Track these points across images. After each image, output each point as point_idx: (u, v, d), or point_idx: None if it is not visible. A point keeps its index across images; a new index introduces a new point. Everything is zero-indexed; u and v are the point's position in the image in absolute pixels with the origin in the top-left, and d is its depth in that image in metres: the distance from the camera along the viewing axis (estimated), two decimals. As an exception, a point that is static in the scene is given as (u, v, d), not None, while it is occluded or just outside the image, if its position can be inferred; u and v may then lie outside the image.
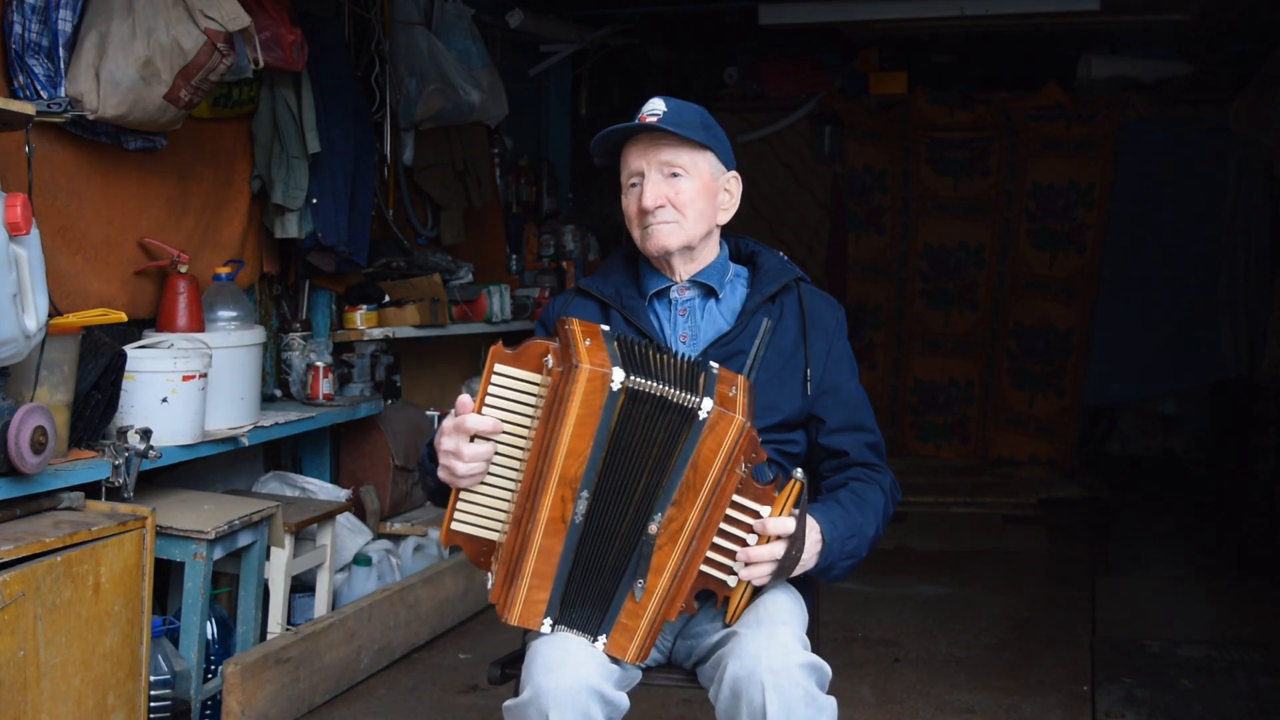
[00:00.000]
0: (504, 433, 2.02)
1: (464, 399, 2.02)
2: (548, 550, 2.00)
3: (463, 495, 2.05)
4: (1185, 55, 6.99)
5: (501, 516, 2.04)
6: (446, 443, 2.02)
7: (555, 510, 1.98)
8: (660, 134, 2.21)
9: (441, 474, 2.05)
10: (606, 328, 2.06)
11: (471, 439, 2.00)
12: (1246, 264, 6.89)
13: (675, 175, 2.22)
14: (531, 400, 2.01)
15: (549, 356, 1.99)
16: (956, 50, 7.36)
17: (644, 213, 2.22)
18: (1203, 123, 6.89)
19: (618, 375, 1.96)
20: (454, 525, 2.06)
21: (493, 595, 2.03)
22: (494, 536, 2.05)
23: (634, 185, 2.24)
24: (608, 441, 1.98)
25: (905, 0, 5.92)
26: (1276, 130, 5.61)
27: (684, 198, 2.22)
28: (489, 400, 2.01)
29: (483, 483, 2.04)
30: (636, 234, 2.26)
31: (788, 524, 2.02)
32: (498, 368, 2.01)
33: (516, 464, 2.03)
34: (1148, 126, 6.98)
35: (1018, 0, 5.76)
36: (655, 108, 2.22)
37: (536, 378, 2.01)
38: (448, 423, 2.03)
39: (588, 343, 1.99)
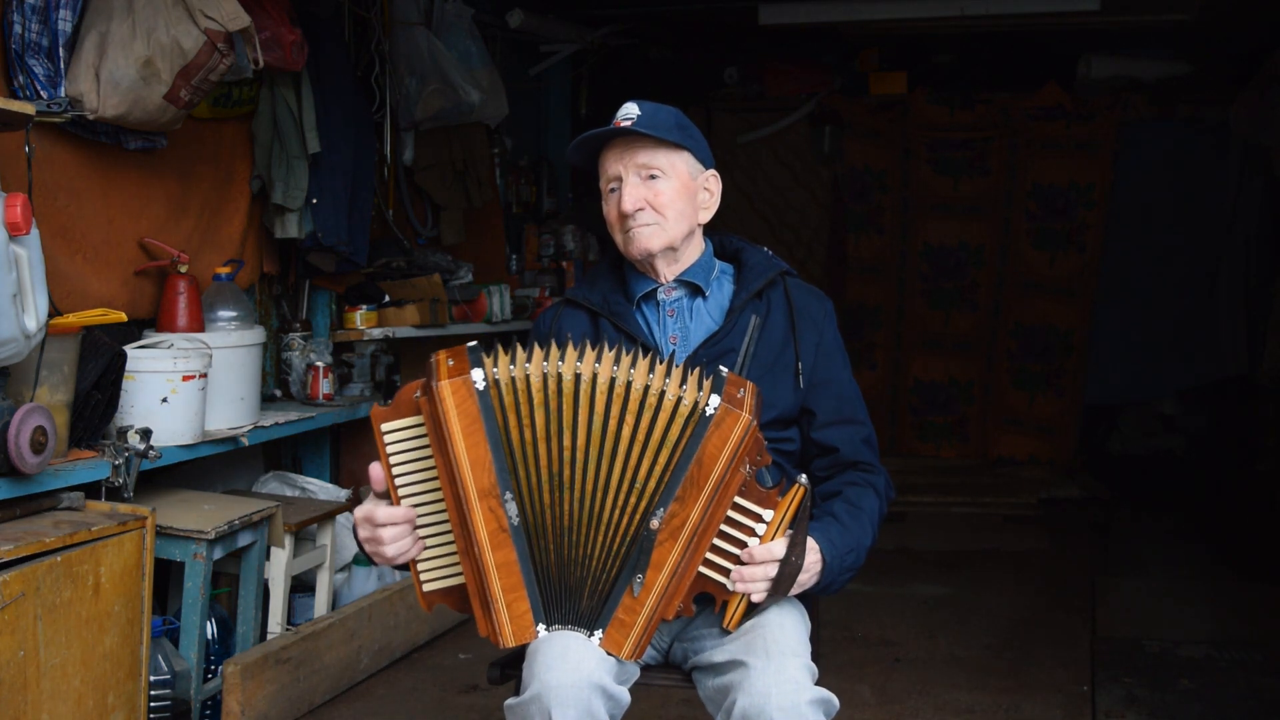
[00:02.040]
0: (420, 481, 2.03)
1: (375, 467, 2.03)
2: (505, 563, 1.99)
3: (420, 558, 2.06)
4: (1185, 55, 6.99)
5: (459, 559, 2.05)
6: (362, 532, 2.04)
7: (490, 524, 1.98)
8: (636, 137, 2.21)
9: (377, 560, 2.06)
10: (474, 344, 2.05)
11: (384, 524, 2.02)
12: (1246, 264, 6.90)
13: (653, 177, 2.22)
14: (426, 441, 2.01)
15: (418, 392, 2.00)
16: (956, 50, 7.36)
17: (624, 216, 2.23)
18: (1203, 123, 6.90)
19: (478, 375, 1.96)
20: (426, 589, 2.07)
21: (481, 630, 2.03)
22: (463, 580, 2.06)
23: (613, 190, 2.25)
24: (505, 438, 1.98)
25: (905, 0, 5.92)
26: (1276, 130, 5.61)
27: (663, 199, 2.22)
28: (392, 459, 2.02)
29: (428, 537, 2.05)
30: (619, 238, 2.27)
31: (776, 550, 2.02)
32: (383, 427, 2.01)
33: (445, 505, 2.03)
34: (1148, 126, 6.99)
35: (1018, 0, 5.77)
36: (629, 112, 2.23)
37: (420, 419, 2.01)
38: (358, 512, 2.05)
39: (450, 363, 1.99)
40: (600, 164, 2.27)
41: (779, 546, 2.02)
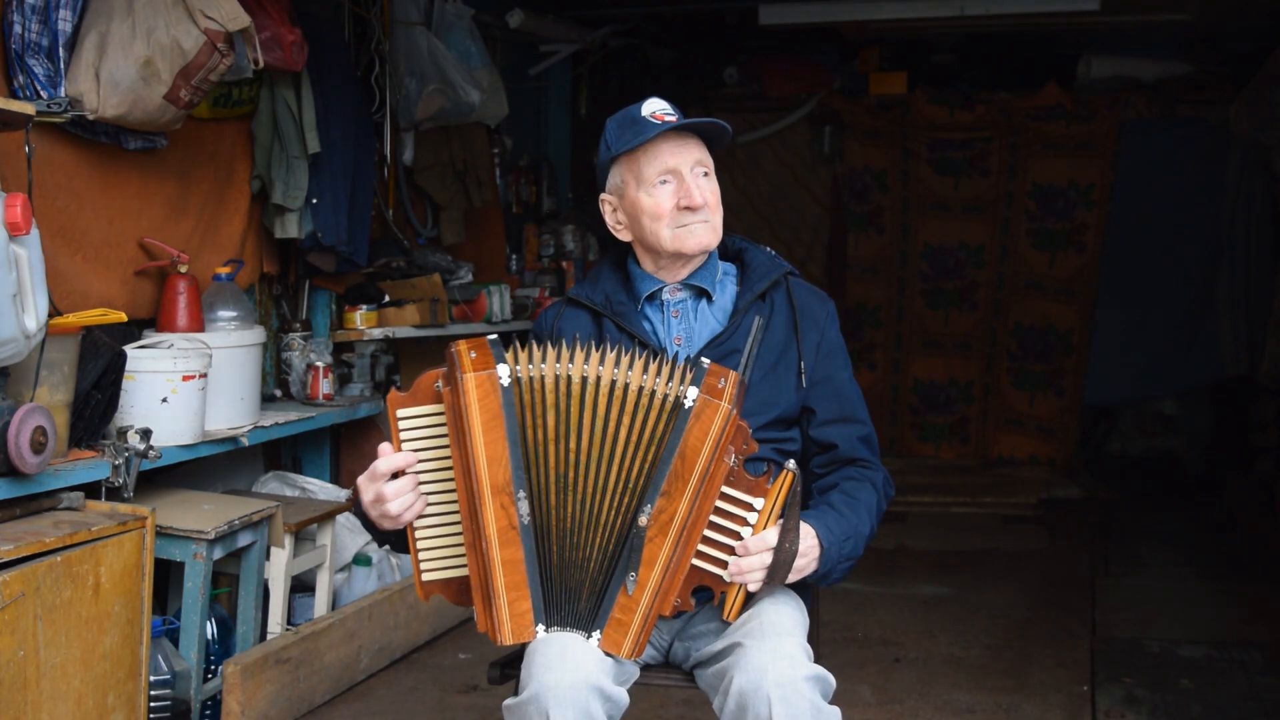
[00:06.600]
0: (431, 470, 2.04)
1: (384, 446, 2.04)
2: (510, 560, 1.99)
3: (421, 546, 2.06)
4: (1185, 55, 6.99)
5: (463, 551, 2.04)
6: (366, 495, 2.05)
7: (500, 520, 1.98)
8: (688, 133, 2.23)
9: (383, 524, 2.07)
10: (494, 337, 2.06)
11: (392, 477, 2.03)
12: (1246, 264, 6.90)
13: (706, 175, 2.24)
14: (442, 430, 2.02)
15: (439, 382, 2.00)
16: (956, 50, 7.35)
17: (689, 210, 2.21)
18: (1203, 123, 6.89)
19: (503, 371, 1.97)
20: (425, 577, 2.08)
21: (480, 625, 2.03)
22: (465, 573, 2.06)
23: (665, 182, 2.22)
24: (522, 437, 1.99)
25: (905, 0, 5.92)
26: (1276, 130, 5.61)
27: (714, 198, 2.25)
28: (405, 446, 2.03)
29: (433, 525, 2.05)
30: (667, 233, 2.23)
31: (769, 538, 2.02)
32: (399, 412, 2.02)
33: (454, 496, 2.03)
34: (1148, 126, 6.98)
35: (1018, 0, 5.77)
36: (665, 107, 2.22)
37: (438, 407, 2.01)
38: (361, 479, 2.06)
39: (473, 355, 1.99)
40: (645, 153, 2.22)
41: (772, 534, 2.02)
